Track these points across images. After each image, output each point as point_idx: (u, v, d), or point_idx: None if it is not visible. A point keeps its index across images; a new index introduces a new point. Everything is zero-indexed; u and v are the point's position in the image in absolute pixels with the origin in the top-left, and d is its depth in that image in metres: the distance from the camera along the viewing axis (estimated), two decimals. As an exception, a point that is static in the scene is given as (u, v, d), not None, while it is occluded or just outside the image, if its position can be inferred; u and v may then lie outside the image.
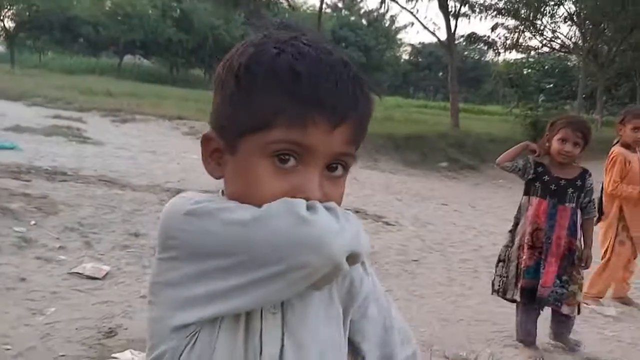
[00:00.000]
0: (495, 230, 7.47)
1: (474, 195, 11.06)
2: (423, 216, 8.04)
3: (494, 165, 4.24)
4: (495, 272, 3.88)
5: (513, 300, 3.84)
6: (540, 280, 3.64)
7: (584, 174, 3.74)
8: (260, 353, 0.84)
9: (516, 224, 3.82)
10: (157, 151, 10.65)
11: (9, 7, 39.15)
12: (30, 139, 10.21)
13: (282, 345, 0.85)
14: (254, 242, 0.76)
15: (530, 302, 3.71)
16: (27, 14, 39.49)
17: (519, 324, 3.80)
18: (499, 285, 3.84)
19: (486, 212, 9.15)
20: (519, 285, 3.70)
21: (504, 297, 3.87)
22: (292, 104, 0.79)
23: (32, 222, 4.98)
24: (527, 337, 3.76)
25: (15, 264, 4.10)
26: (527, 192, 3.78)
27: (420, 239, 6.60)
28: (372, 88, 0.88)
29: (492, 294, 3.97)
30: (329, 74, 0.80)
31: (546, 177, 3.67)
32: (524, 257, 3.70)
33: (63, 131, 11.42)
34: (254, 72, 0.80)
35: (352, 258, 0.79)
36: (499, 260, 3.86)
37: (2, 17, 39.68)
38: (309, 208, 0.77)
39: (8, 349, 2.93)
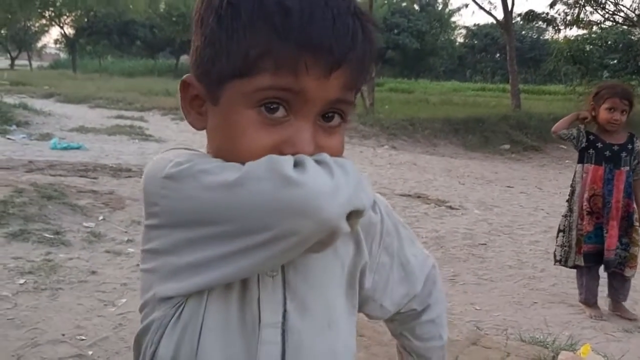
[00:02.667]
0: (566, 211, 7.19)
1: (540, 177, 10.69)
2: (488, 199, 7.82)
3: (560, 146, 4.47)
4: (556, 242, 4.05)
5: (574, 267, 4.00)
6: (605, 243, 3.80)
7: (632, 137, 3.89)
8: (260, 321, 0.75)
9: (572, 193, 3.99)
10: (216, 146, 10.75)
11: (68, 15, 40.56)
12: (94, 138, 10.52)
13: (285, 311, 0.76)
14: (236, 208, 0.66)
15: (594, 265, 3.91)
16: (86, 20, 40.81)
17: (583, 286, 3.98)
18: (561, 255, 4.00)
19: (554, 193, 8.82)
20: (582, 251, 3.87)
21: (565, 265, 4.03)
22: (281, 45, 0.68)
23: (101, 218, 5.10)
24: (590, 298, 3.96)
25: (86, 258, 4.20)
26: (581, 161, 3.94)
27: (487, 222, 6.41)
28: (375, 24, 0.76)
29: (554, 264, 4.15)
30: (325, 9, 0.69)
31: (599, 144, 3.84)
32: (584, 223, 3.87)
33: (126, 130, 11.71)
34: (237, 6, 0.69)
35: (355, 214, 0.69)
36: (559, 231, 4.03)
37: (62, 25, 41.18)
38: (297, 164, 0.67)
39: (83, 339, 2.99)
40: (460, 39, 55.95)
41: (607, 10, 26.17)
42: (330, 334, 0.80)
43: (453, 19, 53.77)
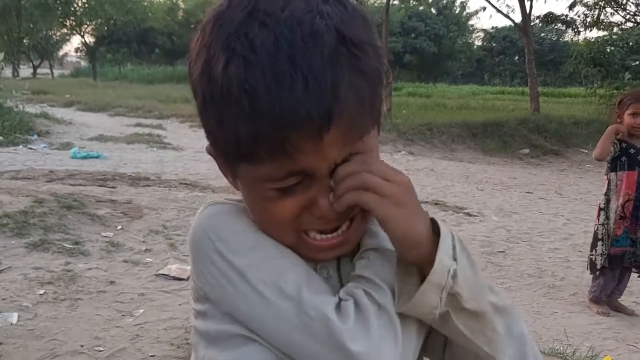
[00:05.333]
0: (586, 217, 7.10)
1: (560, 182, 10.58)
2: (507, 206, 7.75)
3: (581, 150, 4.57)
4: (596, 251, 4.08)
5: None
6: None
7: None
8: None
9: (607, 201, 4.05)
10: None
11: (88, 24, 41.09)
12: (113, 147, 10.62)
13: None
14: (297, 344, 0.67)
15: (617, 268, 4.03)
16: (106, 28, 41.29)
17: (599, 286, 4.11)
18: (601, 264, 4.04)
19: (574, 199, 8.72)
20: (608, 254, 3.99)
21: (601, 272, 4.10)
22: (260, 130, 0.62)
23: (119, 227, 5.14)
24: (601, 297, 4.10)
25: (104, 268, 4.23)
26: (614, 169, 4.01)
27: (506, 229, 6.35)
28: (370, 41, 0.66)
29: (592, 274, 4.16)
30: (293, 73, 0.61)
31: (632, 150, 3.95)
32: (614, 227, 3.97)
33: (144, 138, 11.81)
34: (211, 93, 0.65)
35: None
36: (598, 239, 4.07)
37: (82, 33, 41.73)
38: (338, 309, 0.67)
39: (100, 351, 3.01)
40: (478, 42, 55.66)
41: (628, 11, 25.78)
42: None
43: (471, 22, 53.53)
